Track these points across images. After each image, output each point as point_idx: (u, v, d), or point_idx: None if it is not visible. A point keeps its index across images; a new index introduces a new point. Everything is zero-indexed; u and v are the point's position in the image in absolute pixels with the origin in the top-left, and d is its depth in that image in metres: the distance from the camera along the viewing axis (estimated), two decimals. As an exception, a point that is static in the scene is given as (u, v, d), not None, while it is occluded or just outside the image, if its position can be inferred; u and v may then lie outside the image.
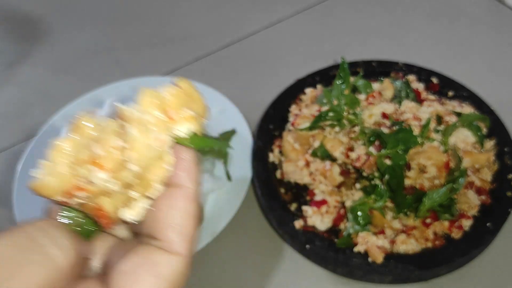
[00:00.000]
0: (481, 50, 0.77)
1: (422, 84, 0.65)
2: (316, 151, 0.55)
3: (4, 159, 0.68)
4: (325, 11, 0.86)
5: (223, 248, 0.55)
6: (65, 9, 0.92)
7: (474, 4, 0.85)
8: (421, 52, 0.77)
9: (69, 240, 0.20)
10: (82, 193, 0.22)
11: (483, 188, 0.54)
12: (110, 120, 0.24)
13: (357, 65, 0.68)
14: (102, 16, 0.90)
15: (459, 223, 0.51)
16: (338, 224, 0.53)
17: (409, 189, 0.52)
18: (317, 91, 0.64)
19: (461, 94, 0.64)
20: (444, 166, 0.52)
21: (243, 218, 0.58)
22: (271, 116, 0.63)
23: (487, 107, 0.62)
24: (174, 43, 0.83)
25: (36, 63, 0.82)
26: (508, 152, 0.57)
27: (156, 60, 0.80)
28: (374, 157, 0.51)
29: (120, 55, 0.82)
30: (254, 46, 0.81)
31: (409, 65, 0.67)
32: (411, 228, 0.52)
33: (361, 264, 0.48)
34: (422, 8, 0.86)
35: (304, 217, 0.54)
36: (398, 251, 0.50)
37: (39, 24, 0.89)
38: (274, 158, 0.59)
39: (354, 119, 0.55)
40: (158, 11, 0.90)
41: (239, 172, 0.59)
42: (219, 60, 0.79)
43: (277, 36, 0.82)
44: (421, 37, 0.80)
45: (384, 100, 0.59)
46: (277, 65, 0.77)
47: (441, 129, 0.56)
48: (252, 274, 0.53)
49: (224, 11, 0.89)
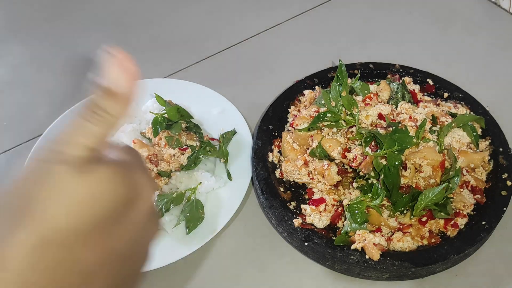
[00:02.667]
0: (476, 52, 0.78)
1: (418, 85, 0.66)
2: (315, 151, 0.56)
3: (9, 158, 0.69)
4: (323, 14, 0.88)
5: (224, 245, 0.56)
6: (69, 12, 0.94)
7: (469, 7, 0.86)
8: (417, 54, 0.78)
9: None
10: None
11: (478, 187, 0.55)
12: None
13: (355, 67, 0.69)
14: (106, 20, 0.91)
15: (455, 221, 0.52)
16: (336, 222, 0.54)
17: (405, 188, 0.53)
18: (315, 92, 0.65)
19: (456, 95, 0.65)
20: (440, 165, 0.53)
21: (244, 216, 0.59)
22: (271, 117, 0.64)
23: (482, 108, 0.63)
24: (175, 45, 0.84)
25: (41, 65, 0.83)
26: (502, 152, 0.58)
27: (158, 62, 0.81)
28: (371, 157, 0.52)
29: (123, 58, 0.83)
30: (253, 49, 0.82)
31: (405, 67, 0.68)
32: (407, 226, 0.53)
33: (358, 261, 0.49)
34: (418, 11, 0.87)
35: (302, 215, 0.55)
36: (394, 248, 0.51)
37: (44, 27, 0.91)
38: (274, 157, 0.60)
39: (351, 120, 0.55)
40: (160, 15, 0.91)
41: (239, 171, 0.61)
42: (219, 62, 0.80)
43: (276, 39, 0.84)
44: (417, 39, 0.81)
45: (381, 101, 0.60)
46: (276, 67, 0.78)
47: (436, 130, 0.56)
48: (252, 270, 0.54)
49: (224, 14, 0.90)
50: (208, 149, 0.61)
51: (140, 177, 0.29)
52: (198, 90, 0.71)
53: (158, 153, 0.59)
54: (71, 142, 0.26)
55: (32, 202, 0.24)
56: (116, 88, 0.28)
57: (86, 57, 0.83)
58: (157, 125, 0.61)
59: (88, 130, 0.27)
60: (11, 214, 0.24)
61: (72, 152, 0.26)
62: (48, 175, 0.25)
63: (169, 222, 0.56)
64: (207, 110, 0.68)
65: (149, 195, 0.30)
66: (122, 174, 0.28)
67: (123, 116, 0.28)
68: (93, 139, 0.27)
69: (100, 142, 0.27)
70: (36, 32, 0.90)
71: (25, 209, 0.24)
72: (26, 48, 0.87)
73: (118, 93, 0.28)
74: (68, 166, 0.25)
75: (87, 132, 0.27)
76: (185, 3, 0.93)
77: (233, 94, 0.71)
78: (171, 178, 0.59)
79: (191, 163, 0.60)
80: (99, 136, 0.27)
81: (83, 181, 0.25)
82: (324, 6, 0.89)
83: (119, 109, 0.28)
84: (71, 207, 0.25)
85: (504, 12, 0.84)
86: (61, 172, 0.25)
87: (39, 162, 0.26)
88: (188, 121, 0.63)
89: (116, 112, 0.28)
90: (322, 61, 0.75)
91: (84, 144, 0.26)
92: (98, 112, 0.27)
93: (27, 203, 0.24)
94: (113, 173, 0.27)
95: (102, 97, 0.27)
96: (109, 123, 0.27)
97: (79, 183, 0.25)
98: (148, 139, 0.62)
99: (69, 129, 0.27)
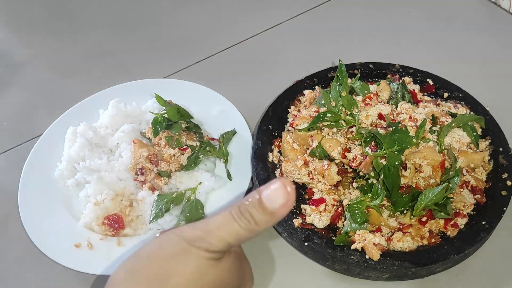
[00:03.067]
0: (476, 52, 0.78)
1: (418, 85, 0.66)
2: (315, 151, 0.56)
3: (10, 158, 0.69)
4: (323, 14, 0.88)
5: (223, 246, 0.56)
6: (70, 13, 0.94)
7: (469, 6, 0.86)
8: (417, 54, 0.78)
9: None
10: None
11: (478, 187, 0.55)
12: None
13: (354, 67, 0.69)
14: (106, 20, 0.91)
15: (455, 221, 0.52)
16: (336, 222, 0.54)
17: (405, 188, 0.53)
18: (315, 92, 0.65)
19: (456, 95, 0.65)
20: (440, 165, 0.53)
21: (243, 217, 0.59)
22: (271, 116, 0.64)
23: (482, 108, 0.63)
24: (175, 45, 0.84)
25: (41, 65, 0.83)
26: (502, 152, 0.58)
27: (158, 62, 0.81)
28: (370, 157, 0.52)
29: (124, 58, 0.83)
30: (253, 49, 0.82)
31: (405, 67, 0.68)
32: (407, 226, 0.53)
33: (358, 261, 0.49)
34: (418, 11, 0.87)
35: (303, 215, 0.55)
36: (394, 248, 0.51)
37: (44, 27, 0.91)
38: (274, 157, 0.60)
39: (351, 120, 0.55)
40: (160, 15, 0.91)
41: (239, 171, 0.61)
42: (219, 62, 0.80)
43: (276, 39, 0.84)
44: (418, 39, 0.81)
45: (381, 101, 0.60)
46: (276, 67, 0.78)
47: (436, 130, 0.56)
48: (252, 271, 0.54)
49: (224, 14, 0.90)
50: (208, 149, 0.61)
51: (248, 269, 0.36)
52: (198, 90, 0.71)
53: (158, 153, 0.59)
54: (216, 235, 0.31)
55: (169, 276, 0.29)
56: (271, 203, 0.31)
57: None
58: (157, 125, 0.61)
59: (234, 229, 0.31)
60: (150, 284, 0.29)
61: (213, 242, 0.30)
62: (188, 254, 0.30)
63: (169, 222, 0.56)
64: (207, 110, 0.68)
65: (251, 284, 0.39)
66: (239, 265, 0.33)
67: (265, 229, 0.32)
68: (234, 238, 0.31)
69: (239, 242, 0.31)
70: (36, 32, 0.90)
71: (162, 283, 0.29)
72: (26, 48, 0.87)
73: (270, 208, 0.31)
74: (206, 253, 0.30)
75: (232, 231, 0.31)
76: (185, 3, 0.93)
77: (233, 94, 0.71)
78: (171, 178, 0.59)
79: (191, 163, 0.60)
80: (240, 238, 0.31)
81: (213, 267, 0.30)
82: (324, 6, 0.89)
83: (265, 222, 0.31)
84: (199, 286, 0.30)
85: (504, 12, 0.84)
86: (199, 256, 0.30)
87: (181, 240, 0.31)
88: (188, 121, 0.63)
89: (262, 223, 0.31)
90: (322, 61, 0.75)
91: (226, 240, 0.31)
92: (247, 216, 0.31)
93: (165, 278, 0.29)
94: (233, 263, 0.32)
95: (255, 205, 0.31)
96: (252, 230, 0.31)
97: (210, 268, 0.30)
98: (148, 139, 0.62)
99: (218, 222, 0.31)
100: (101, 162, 0.60)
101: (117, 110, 0.66)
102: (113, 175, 0.58)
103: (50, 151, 0.65)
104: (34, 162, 0.64)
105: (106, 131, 0.65)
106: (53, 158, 0.64)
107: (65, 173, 0.61)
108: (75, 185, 0.60)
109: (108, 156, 0.62)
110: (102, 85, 0.73)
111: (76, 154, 0.62)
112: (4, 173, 0.67)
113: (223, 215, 0.31)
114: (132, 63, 0.82)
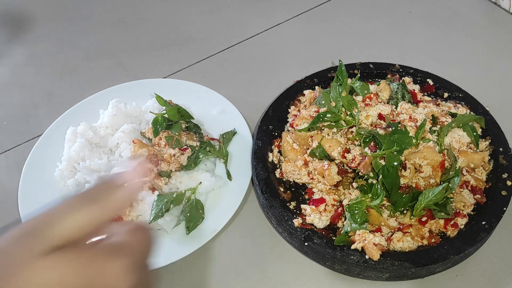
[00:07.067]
0: (476, 52, 0.78)
1: (418, 85, 0.66)
2: (315, 151, 0.56)
3: (10, 158, 0.69)
4: (323, 15, 0.88)
5: (224, 245, 0.56)
6: (70, 12, 0.94)
7: (470, 7, 0.86)
8: (417, 54, 0.78)
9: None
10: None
11: (478, 187, 0.55)
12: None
13: (354, 67, 0.69)
14: (106, 20, 0.91)
15: (455, 221, 0.52)
16: (336, 222, 0.54)
17: (405, 188, 0.53)
18: (315, 92, 0.65)
19: (456, 95, 0.65)
20: (440, 165, 0.53)
21: (244, 216, 0.59)
22: (271, 116, 0.64)
23: (482, 108, 0.63)
24: (176, 46, 0.84)
25: (41, 65, 0.83)
26: (502, 152, 0.58)
27: (158, 62, 0.81)
28: (370, 157, 0.52)
29: (124, 58, 0.83)
30: (254, 49, 0.82)
31: (405, 67, 0.68)
32: (407, 226, 0.53)
33: (358, 261, 0.49)
34: (418, 11, 0.87)
35: (303, 215, 0.55)
36: (394, 248, 0.51)
37: (44, 27, 0.91)
38: (274, 157, 0.60)
39: (351, 120, 0.55)
40: (161, 15, 0.91)
41: (239, 171, 0.61)
42: (220, 62, 0.80)
43: (276, 39, 0.84)
44: (418, 39, 0.81)
45: (381, 101, 0.60)
46: (276, 67, 0.78)
47: (436, 130, 0.56)
48: (252, 270, 0.54)
49: (225, 15, 0.90)
50: (208, 149, 0.61)
51: (114, 268, 0.26)
52: (198, 90, 0.71)
53: (158, 153, 0.59)
54: (43, 233, 0.27)
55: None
56: (121, 180, 0.29)
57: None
58: (157, 125, 0.61)
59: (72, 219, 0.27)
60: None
61: (42, 242, 0.26)
62: (15, 262, 0.26)
63: (169, 222, 0.56)
64: (207, 110, 0.68)
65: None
66: (82, 264, 0.26)
67: (120, 207, 0.29)
68: (73, 230, 0.27)
69: (84, 231, 0.27)
70: (36, 32, 0.90)
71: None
72: (26, 48, 0.87)
73: (122, 185, 0.29)
74: (34, 253, 0.26)
75: (70, 222, 0.27)
76: (185, 3, 0.93)
77: (233, 94, 0.71)
78: (171, 178, 0.59)
79: (191, 163, 0.60)
80: (81, 227, 0.27)
81: (41, 267, 0.25)
82: (324, 6, 0.89)
83: (119, 198, 0.29)
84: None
85: (504, 12, 0.84)
86: (26, 257, 0.26)
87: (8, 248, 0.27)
88: (188, 121, 0.63)
89: (116, 199, 0.28)
90: (322, 61, 0.75)
91: (59, 236, 0.26)
92: (99, 196, 0.28)
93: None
94: (69, 261, 0.26)
95: (106, 185, 0.29)
96: (102, 210, 0.28)
97: (38, 268, 0.25)
98: (148, 139, 0.62)
99: (49, 217, 0.27)
100: (101, 162, 0.60)
101: (117, 110, 0.66)
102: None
103: (50, 151, 0.65)
104: (34, 162, 0.64)
105: (106, 131, 0.65)
106: (53, 158, 0.64)
107: (65, 173, 0.61)
108: (75, 185, 0.60)
109: (108, 156, 0.62)
110: (102, 85, 0.73)
111: (76, 154, 0.62)
112: (4, 173, 0.67)
113: (57, 208, 0.29)
114: (132, 63, 0.82)
